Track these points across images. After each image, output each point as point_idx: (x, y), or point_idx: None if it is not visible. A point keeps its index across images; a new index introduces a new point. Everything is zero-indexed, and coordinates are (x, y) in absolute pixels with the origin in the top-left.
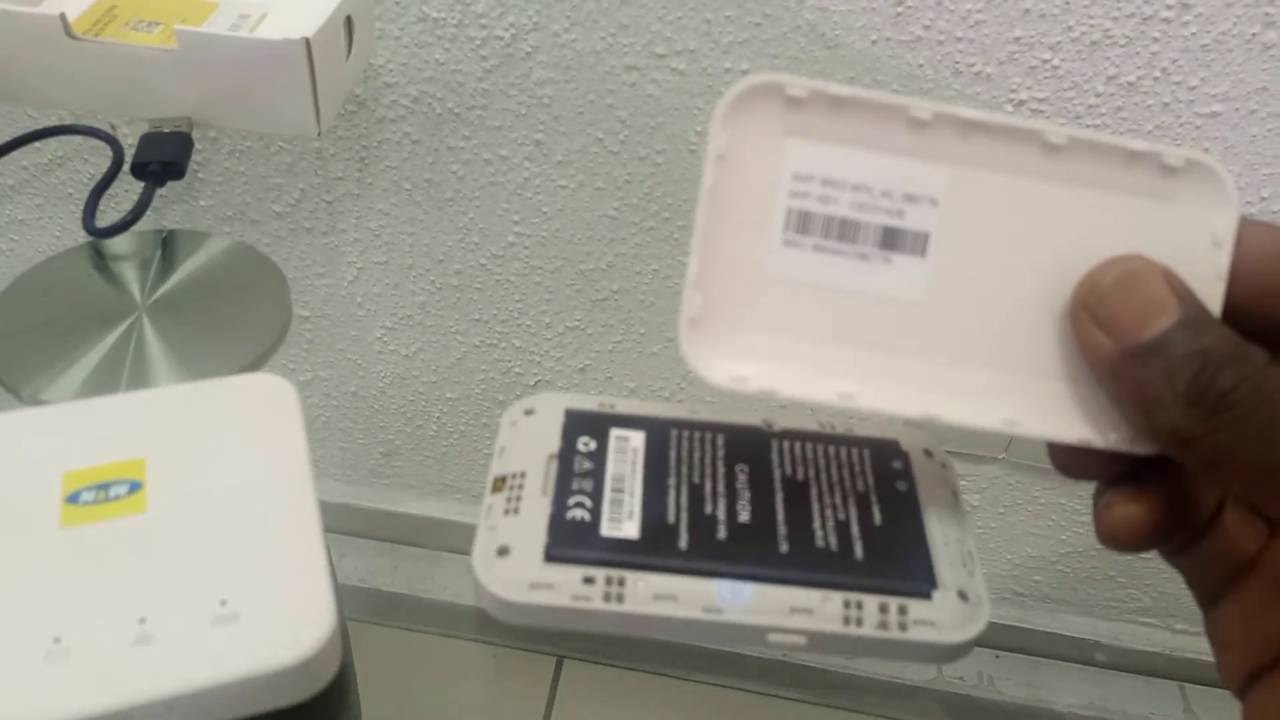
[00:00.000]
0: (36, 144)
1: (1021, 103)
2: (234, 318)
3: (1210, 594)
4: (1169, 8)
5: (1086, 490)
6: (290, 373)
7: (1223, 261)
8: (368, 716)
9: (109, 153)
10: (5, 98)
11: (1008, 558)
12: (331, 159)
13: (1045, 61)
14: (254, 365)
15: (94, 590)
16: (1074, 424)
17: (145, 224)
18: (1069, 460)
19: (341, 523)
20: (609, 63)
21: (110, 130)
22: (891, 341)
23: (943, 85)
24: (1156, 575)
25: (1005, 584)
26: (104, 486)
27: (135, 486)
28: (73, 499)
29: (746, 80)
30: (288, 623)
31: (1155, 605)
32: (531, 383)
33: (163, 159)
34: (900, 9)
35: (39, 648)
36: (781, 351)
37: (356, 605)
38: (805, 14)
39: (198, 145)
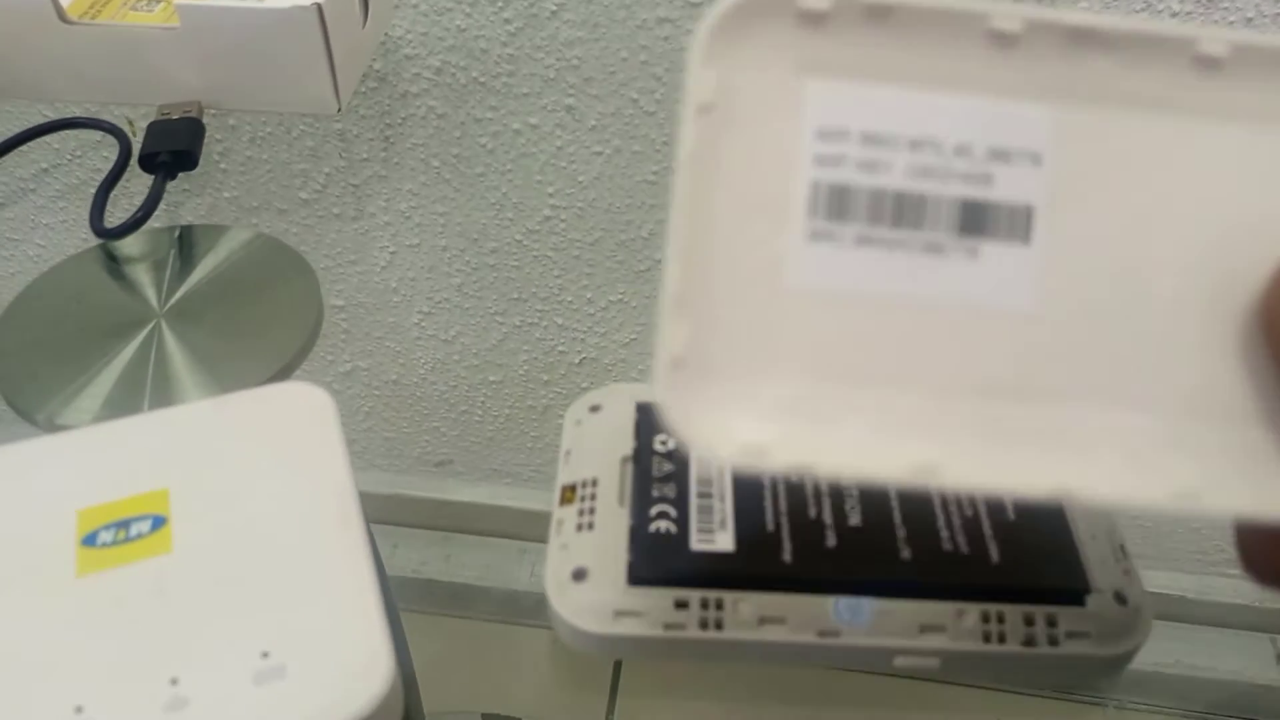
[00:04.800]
0: (44, 139)
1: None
2: (261, 318)
3: None
4: None
5: None
6: (329, 364)
7: None
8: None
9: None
10: None
11: None
12: (355, 140)
13: None
14: (287, 369)
15: (119, 649)
16: None
17: (160, 220)
18: (1275, 553)
19: (391, 513)
20: (640, 16)
21: (127, 126)
22: (988, 378)
23: None
24: None
25: None
26: (124, 524)
27: (159, 522)
28: (89, 541)
29: None
30: (340, 675)
31: None
32: (576, 360)
33: (173, 148)
34: None
35: None
36: (818, 401)
37: (411, 596)
38: None
39: (217, 135)
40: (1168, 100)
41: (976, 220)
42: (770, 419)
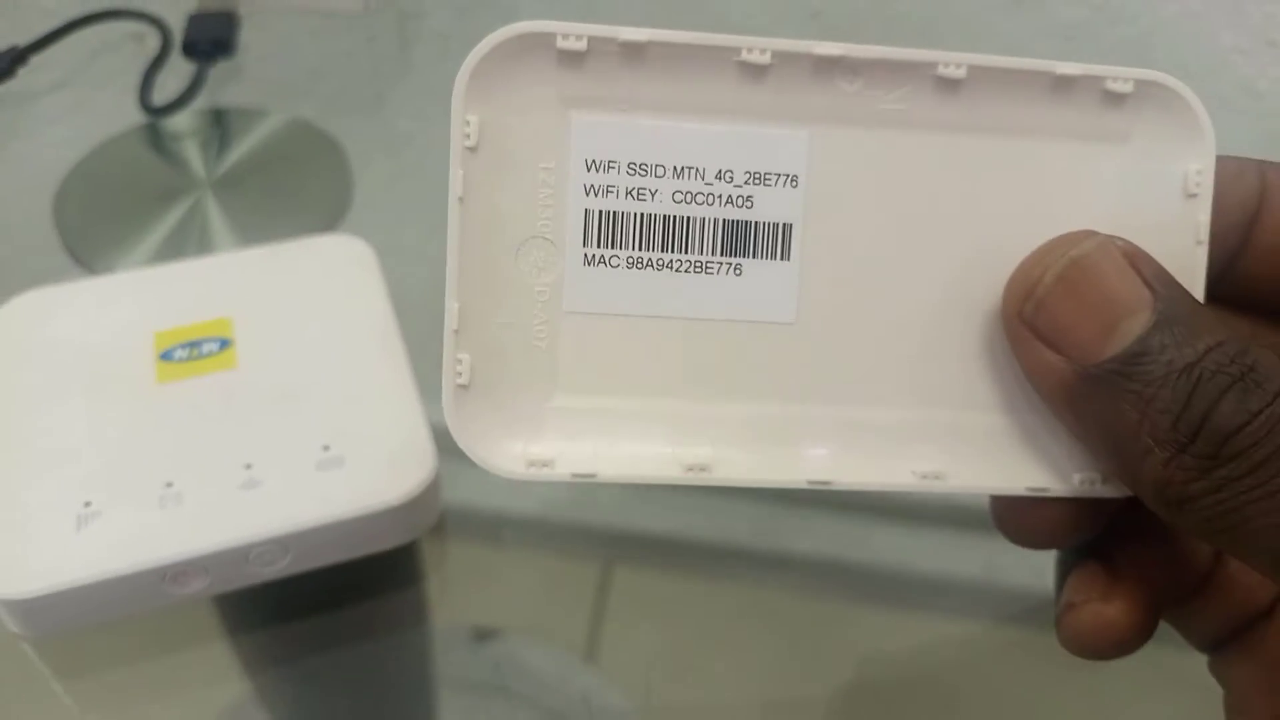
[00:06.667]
0: (84, 31)
1: None
2: (297, 191)
3: (1213, 642)
4: None
5: None
6: None
7: (1201, 220)
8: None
9: (150, 43)
10: None
11: None
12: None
13: None
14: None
15: (198, 440)
16: (1021, 468)
17: (199, 104)
18: (1020, 519)
19: None
20: None
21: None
22: (754, 383)
23: None
24: None
25: None
26: (195, 344)
27: (225, 344)
28: (166, 356)
29: (497, 34)
30: (391, 465)
31: None
32: None
33: (212, 37)
34: None
35: (152, 493)
36: (598, 415)
37: None
38: None
39: None
40: (913, 119)
41: (740, 240)
42: (553, 435)
